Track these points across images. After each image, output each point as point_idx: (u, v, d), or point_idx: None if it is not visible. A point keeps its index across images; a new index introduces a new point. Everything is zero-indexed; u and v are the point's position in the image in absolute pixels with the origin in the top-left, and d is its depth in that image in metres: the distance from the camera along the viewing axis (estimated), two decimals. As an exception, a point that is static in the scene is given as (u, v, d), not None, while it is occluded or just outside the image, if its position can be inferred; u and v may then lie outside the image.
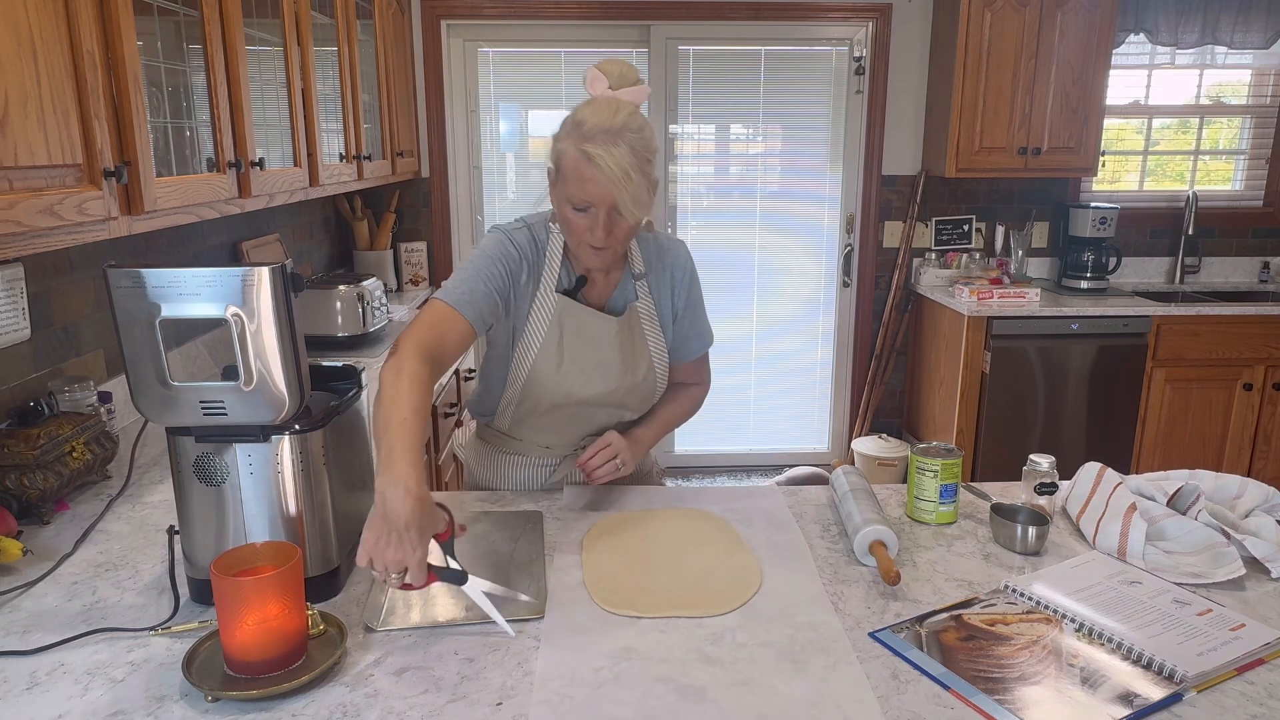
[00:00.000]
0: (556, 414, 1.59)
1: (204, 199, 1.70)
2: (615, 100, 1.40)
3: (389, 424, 1.19)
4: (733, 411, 4.45)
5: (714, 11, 3.92)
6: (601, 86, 1.44)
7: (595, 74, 1.45)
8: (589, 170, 1.35)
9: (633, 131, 1.37)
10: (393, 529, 1.08)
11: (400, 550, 1.07)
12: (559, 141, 1.40)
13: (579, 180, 1.36)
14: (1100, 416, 3.82)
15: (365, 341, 2.86)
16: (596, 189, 1.36)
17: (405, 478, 1.10)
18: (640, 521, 1.49)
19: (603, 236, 1.40)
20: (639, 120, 1.39)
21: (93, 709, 0.99)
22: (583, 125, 1.37)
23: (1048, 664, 1.08)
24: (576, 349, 1.54)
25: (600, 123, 1.36)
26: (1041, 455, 1.55)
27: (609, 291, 1.58)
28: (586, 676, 1.05)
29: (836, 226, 4.26)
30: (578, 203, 1.38)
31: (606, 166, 1.33)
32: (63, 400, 1.74)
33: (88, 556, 1.37)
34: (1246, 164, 4.34)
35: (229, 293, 1.10)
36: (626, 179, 1.34)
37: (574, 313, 1.53)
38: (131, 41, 1.42)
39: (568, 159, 1.37)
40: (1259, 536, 1.33)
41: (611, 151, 1.33)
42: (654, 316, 1.60)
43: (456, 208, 4.14)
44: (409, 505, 1.08)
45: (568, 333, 1.53)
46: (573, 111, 1.42)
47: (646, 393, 1.63)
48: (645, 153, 1.38)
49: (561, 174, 1.40)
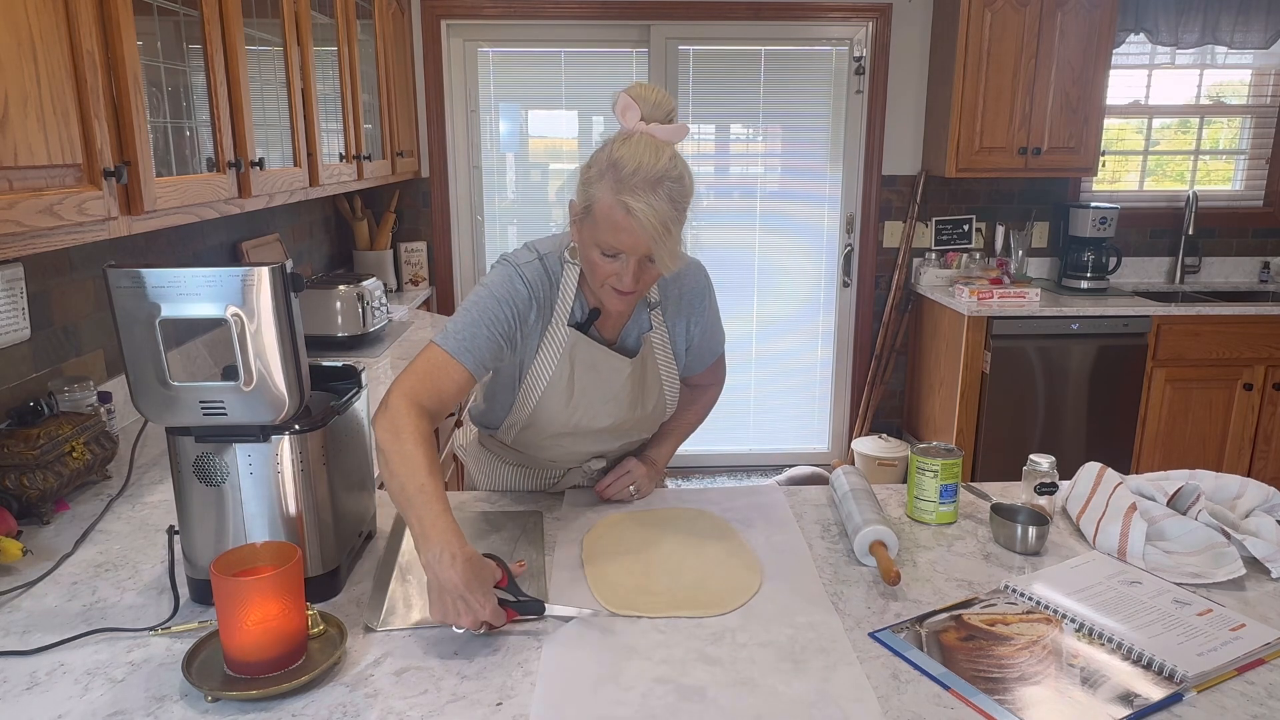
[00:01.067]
0: (562, 439, 1.56)
1: (204, 199, 1.70)
2: (654, 141, 1.29)
3: (408, 494, 1.18)
4: (733, 411, 4.45)
5: (714, 11, 3.92)
6: (634, 118, 1.31)
7: (627, 101, 1.31)
8: (626, 221, 1.27)
9: (672, 180, 1.28)
10: (455, 597, 1.10)
11: (470, 613, 1.10)
12: (593, 184, 1.31)
13: (613, 229, 1.29)
14: (1100, 416, 3.82)
15: (365, 341, 2.86)
16: (631, 239, 1.29)
17: (447, 545, 1.12)
18: (640, 522, 1.49)
19: (631, 283, 1.34)
20: (679, 166, 1.30)
21: (93, 709, 0.99)
22: (620, 168, 1.27)
23: (1048, 664, 1.08)
24: (587, 385, 1.49)
25: (639, 168, 1.26)
26: (1041, 455, 1.55)
27: (623, 322, 1.52)
28: (586, 676, 1.05)
29: (836, 226, 4.26)
30: (608, 249, 1.32)
31: (646, 220, 1.26)
32: (63, 400, 1.74)
33: (88, 556, 1.37)
34: (1246, 164, 4.34)
35: (229, 293, 1.10)
36: (665, 233, 1.28)
37: (587, 349, 1.47)
38: (131, 41, 1.42)
39: (602, 205, 1.29)
40: (1259, 536, 1.33)
41: (652, 204, 1.26)
42: (667, 345, 1.55)
43: (456, 208, 4.14)
44: (459, 570, 1.10)
45: (579, 368, 1.47)
46: (608, 147, 1.32)
47: (654, 421, 1.62)
48: (683, 202, 1.31)
49: (593, 217, 1.31)
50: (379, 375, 2.53)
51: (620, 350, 1.52)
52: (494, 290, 1.40)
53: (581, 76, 4.04)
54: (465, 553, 1.12)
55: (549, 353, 1.46)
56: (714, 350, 1.67)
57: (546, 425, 1.52)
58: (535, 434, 1.56)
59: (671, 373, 1.58)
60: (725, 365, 1.74)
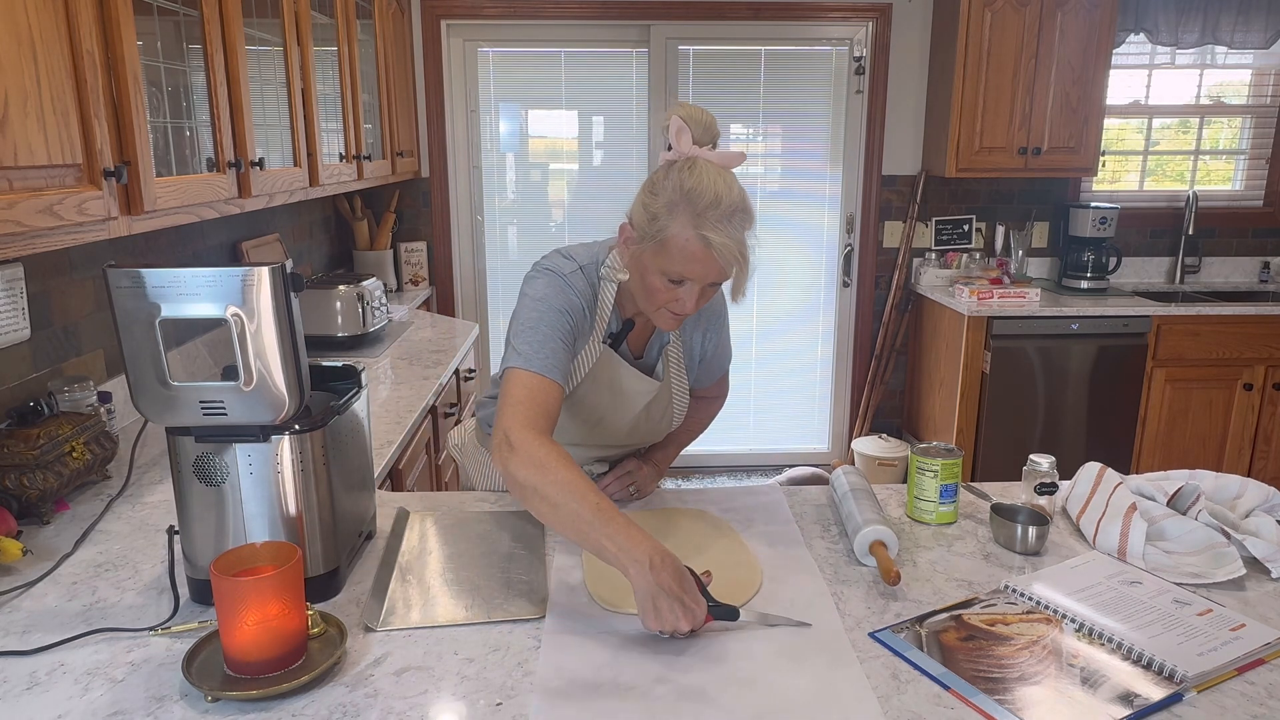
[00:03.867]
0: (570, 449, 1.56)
1: (204, 199, 1.70)
2: (724, 171, 1.30)
3: (585, 518, 1.15)
4: (733, 411, 4.44)
5: (714, 11, 3.92)
6: (688, 141, 1.31)
7: (679, 124, 1.31)
8: (704, 254, 1.27)
9: (743, 211, 1.29)
10: (673, 600, 1.09)
11: (687, 614, 1.09)
12: (666, 215, 1.28)
13: (688, 259, 1.28)
14: (1100, 416, 3.82)
15: (365, 341, 2.86)
16: (704, 270, 1.29)
17: (654, 550, 1.11)
18: (641, 521, 1.49)
19: (693, 307, 1.34)
20: (746, 197, 1.31)
21: (93, 709, 0.99)
22: (696, 200, 1.26)
23: (1048, 664, 1.08)
24: (610, 404, 1.51)
25: (716, 200, 1.26)
26: (1041, 455, 1.55)
27: (649, 334, 1.55)
28: (586, 676, 1.05)
29: (836, 226, 4.26)
30: (676, 277, 1.31)
31: (725, 253, 1.27)
32: (63, 400, 1.74)
33: (88, 556, 1.37)
34: (1246, 164, 4.34)
35: (229, 293, 1.10)
36: (744, 262, 1.29)
37: (615, 368, 1.48)
38: (131, 41, 1.42)
39: (679, 237, 1.27)
40: (1259, 536, 1.33)
41: (731, 236, 1.27)
42: (680, 360, 1.57)
43: (456, 208, 4.14)
44: (670, 573, 1.10)
45: (603, 386, 1.49)
46: (675, 175, 1.29)
47: (660, 434, 1.63)
48: (751, 229, 1.32)
49: (665, 248, 1.29)
50: (379, 375, 2.53)
51: (643, 364, 1.54)
52: (553, 302, 1.38)
53: (581, 76, 4.05)
54: (671, 556, 1.12)
55: (579, 368, 1.46)
56: (722, 366, 1.70)
57: (559, 436, 1.51)
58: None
59: (683, 387, 1.59)
60: (729, 381, 1.77)
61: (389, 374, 2.54)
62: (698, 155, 1.30)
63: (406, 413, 2.16)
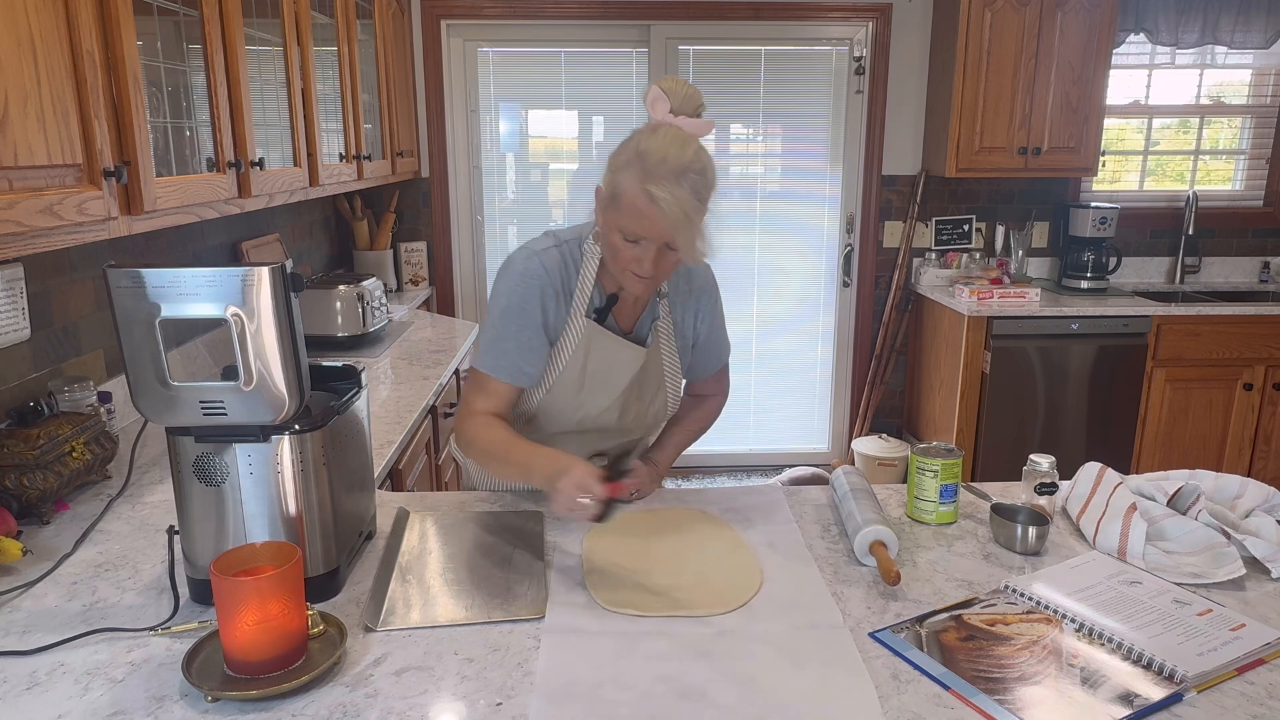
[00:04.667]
0: (566, 438, 1.58)
1: (204, 199, 1.70)
2: (681, 133, 1.34)
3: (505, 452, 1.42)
4: (733, 411, 4.41)
5: (714, 11, 3.92)
6: (663, 109, 1.36)
7: (658, 93, 1.37)
8: (650, 209, 1.31)
9: (696, 172, 1.32)
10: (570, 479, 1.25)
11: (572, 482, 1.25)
12: (619, 171, 1.35)
13: (636, 215, 1.33)
14: (1100, 416, 3.82)
15: (365, 341, 2.86)
16: (653, 227, 1.33)
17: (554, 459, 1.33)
18: (640, 521, 1.49)
19: (650, 268, 1.37)
20: (704, 159, 1.35)
21: (93, 709, 0.99)
22: (647, 158, 1.31)
23: (1048, 664, 1.08)
24: (600, 377, 1.52)
25: (665, 159, 1.30)
26: (1041, 455, 1.55)
27: (639, 310, 1.56)
28: (586, 676, 1.05)
29: (836, 226, 4.26)
30: (630, 235, 1.35)
31: (669, 209, 1.30)
32: (63, 400, 1.74)
33: (88, 556, 1.37)
34: (1246, 164, 4.34)
35: (229, 293, 1.10)
36: (686, 222, 1.31)
37: (602, 340, 1.51)
38: (131, 41, 1.42)
39: (628, 192, 1.33)
40: (1259, 536, 1.33)
41: (675, 193, 1.30)
42: (672, 338, 1.58)
43: (456, 208, 4.14)
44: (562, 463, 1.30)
45: (593, 360, 1.51)
46: (635, 137, 1.36)
47: (656, 418, 1.64)
48: (705, 193, 1.35)
49: (618, 204, 1.35)
50: (379, 375, 2.53)
51: (632, 339, 1.55)
52: (512, 300, 1.46)
53: (581, 76, 4.04)
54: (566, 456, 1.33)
55: (566, 344, 1.50)
56: (719, 357, 1.69)
57: (553, 417, 1.55)
58: (538, 429, 1.58)
59: (675, 367, 1.60)
60: (729, 379, 1.75)
61: (389, 374, 2.54)
62: (665, 121, 1.36)
63: (406, 413, 2.16)
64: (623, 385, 1.53)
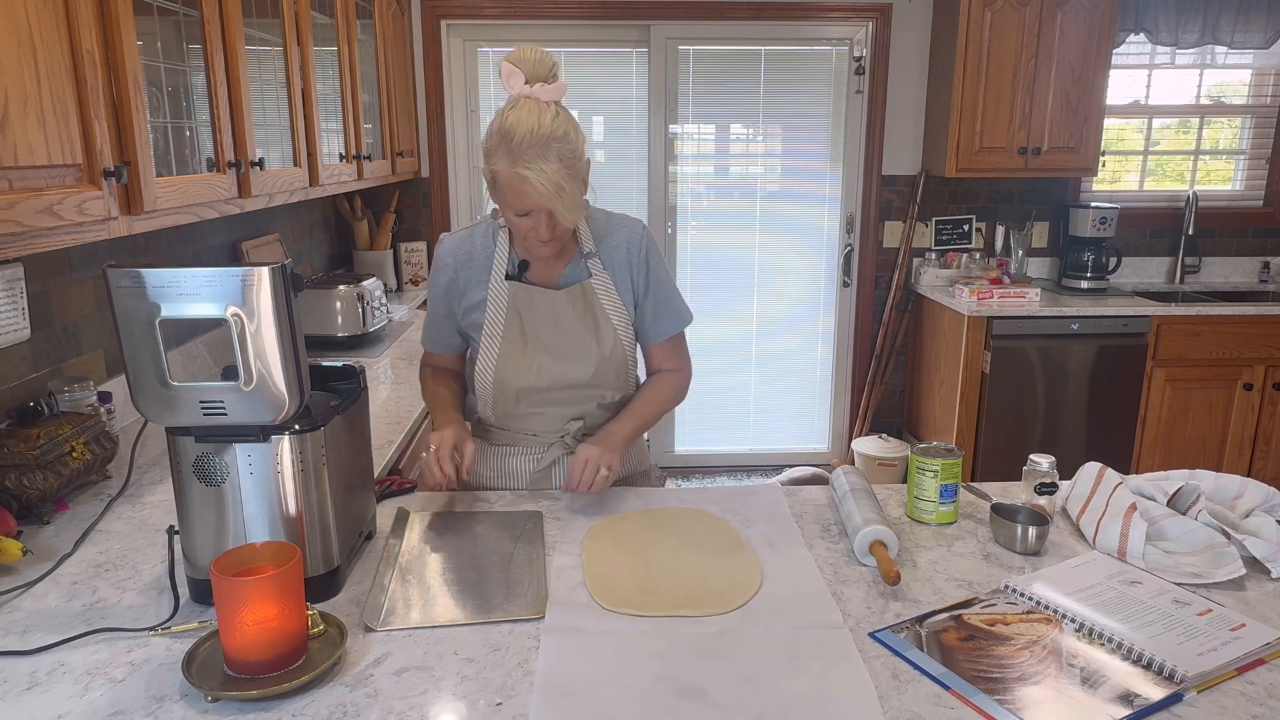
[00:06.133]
0: (533, 398, 1.62)
1: (204, 199, 1.70)
2: (537, 104, 1.42)
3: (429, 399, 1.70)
4: (733, 411, 4.45)
5: (714, 11, 3.92)
6: (519, 82, 1.44)
7: (510, 69, 1.45)
8: (524, 187, 1.41)
9: (559, 139, 1.41)
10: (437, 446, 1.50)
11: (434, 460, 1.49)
12: (491, 157, 1.44)
13: (517, 195, 1.43)
14: (1100, 416, 3.82)
15: (365, 341, 2.86)
16: (534, 202, 1.43)
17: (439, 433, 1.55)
18: (640, 521, 1.49)
19: (547, 233, 1.48)
20: (563, 124, 1.42)
21: (93, 709, 0.99)
22: (510, 138, 1.40)
23: (1048, 664, 1.08)
24: (537, 328, 1.60)
25: (528, 133, 1.39)
26: (1041, 455, 1.55)
27: (558, 272, 1.63)
28: (586, 676, 1.05)
29: (836, 226, 4.26)
30: (518, 211, 1.46)
31: (540, 184, 1.40)
32: (63, 400, 1.74)
33: (88, 556, 1.37)
34: (1246, 164, 4.34)
35: (229, 293, 1.10)
36: (560, 191, 1.41)
37: (525, 293, 1.60)
38: (131, 41, 1.42)
39: (502, 175, 1.43)
40: (1259, 536, 1.33)
41: (543, 169, 1.39)
42: (610, 287, 1.63)
43: (456, 208, 4.14)
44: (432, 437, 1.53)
45: (525, 313, 1.60)
46: (498, 118, 1.44)
47: (619, 366, 1.64)
48: (573, 159, 1.43)
49: (498, 187, 1.46)
50: (379, 375, 2.53)
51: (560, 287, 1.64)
52: (432, 281, 1.66)
53: (581, 76, 4.04)
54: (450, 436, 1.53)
55: (495, 307, 1.60)
56: (672, 318, 1.69)
57: (511, 380, 1.60)
58: (505, 397, 1.62)
59: (621, 314, 1.64)
60: (689, 354, 1.76)
61: (389, 374, 2.55)
62: (522, 94, 1.43)
63: (406, 413, 2.16)
64: (565, 329, 1.59)
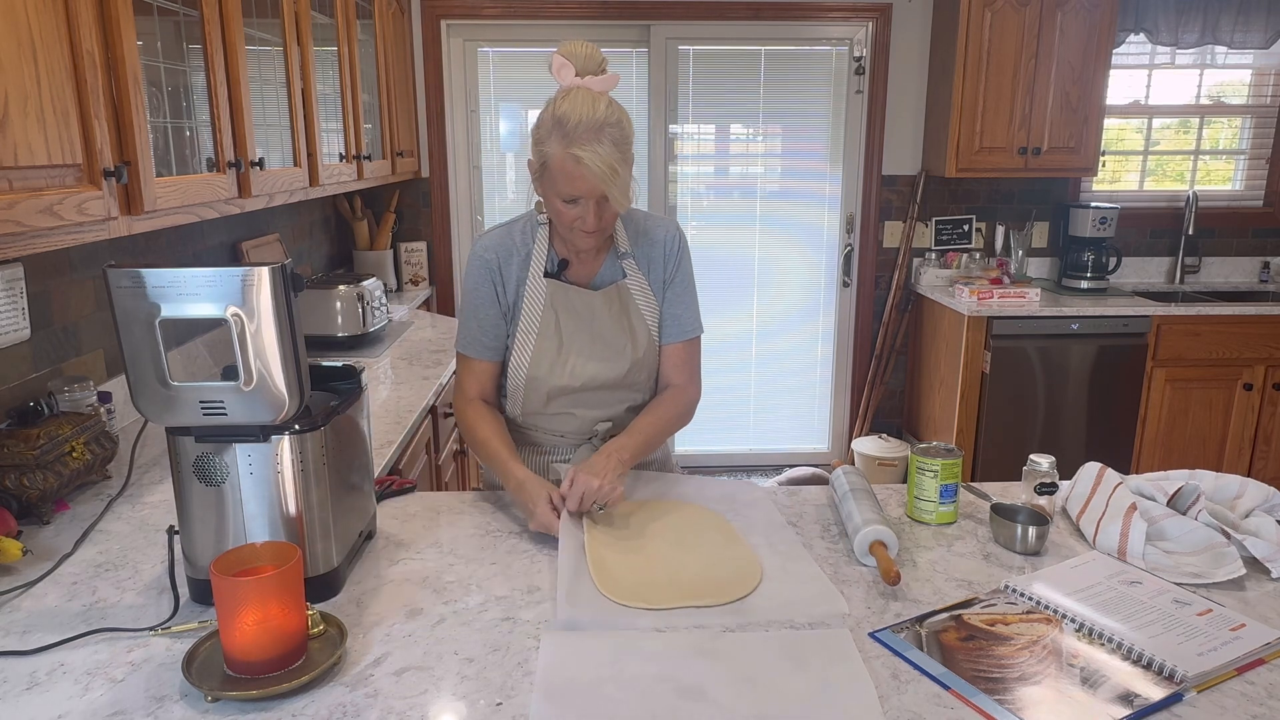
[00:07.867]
0: (564, 399, 1.62)
1: (204, 199, 1.70)
2: (590, 93, 1.43)
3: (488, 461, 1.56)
4: (733, 411, 4.45)
5: (714, 11, 3.92)
6: (569, 74, 1.45)
7: (561, 61, 1.46)
8: (577, 170, 1.41)
9: (612, 125, 1.42)
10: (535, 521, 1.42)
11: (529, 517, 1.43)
12: (544, 143, 1.45)
13: (568, 179, 1.43)
14: (1100, 416, 3.82)
15: (365, 341, 2.86)
16: (586, 185, 1.43)
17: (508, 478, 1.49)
18: (642, 516, 1.49)
19: (594, 222, 1.48)
20: (616, 111, 1.44)
21: (93, 709, 0.99)
22: (565, 123, 1.41)
23: (1048, 664, 1.08)
24: (573, 328, 1.59)
25: (582, 119, 1.40)
26: (1041, 455, 1.55)
27: (594, 271, 1.63)
28: (586, 675, 1.05)
29: (836, 226, 4.26)
30: (567, 197, 1.46)
31: (595, 166, 1.40)
32: (63, 400, 1.74)
33: (88, 556, 1.37)
34: (1246, 164, 4.34)
35: (229, 293, 1.10)
36: (614, 174, 1.41)
37: (563, 292, 1.59)
38: (131, 41, 1.42)
39: (555, 159, 1.43)
40: (1259, 536, 1.33)
41: (597, 150, 1.39)
42: (645, 287, 1.64)
43: (456, 208, 4.14)
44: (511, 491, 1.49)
45: (562, 313, 1.59)
46: (550, 106, 1.45)
47: (652, 368, 1.66)
48: (625, 144, 1.45)
49: (549, 172, 1.46)
50: (379, 375, 2.53)
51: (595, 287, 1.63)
52: (467, 281, 1.61)
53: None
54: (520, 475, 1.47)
55: (532, 304, 1.59)
56: (687, 322, 1.66)
57: (544, 380, 1.60)
58: (536, 396, 1.62)
59: (656, 316, 1.65)
60: (700, 369, 1.69)
61: (389, 374, 2.54)
62: (576, 84, 1.44)
63: (406, 413, 2.16)
64: (600, 331, 1.59)
